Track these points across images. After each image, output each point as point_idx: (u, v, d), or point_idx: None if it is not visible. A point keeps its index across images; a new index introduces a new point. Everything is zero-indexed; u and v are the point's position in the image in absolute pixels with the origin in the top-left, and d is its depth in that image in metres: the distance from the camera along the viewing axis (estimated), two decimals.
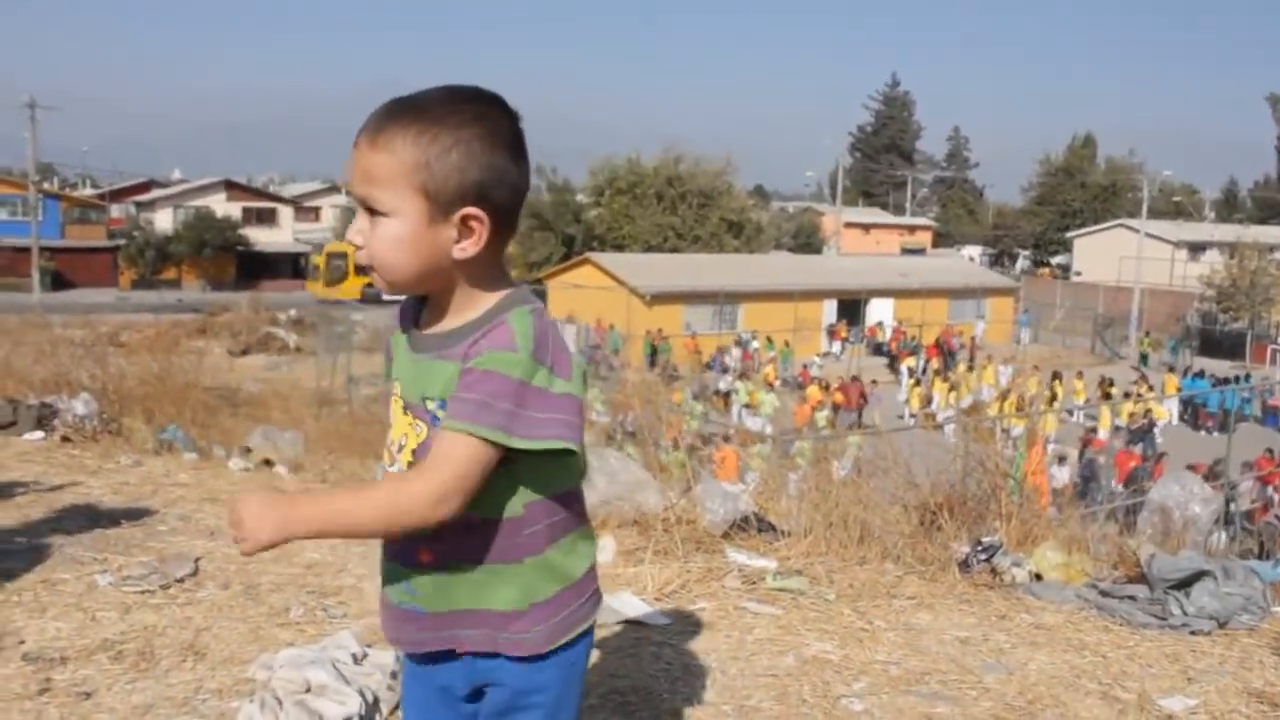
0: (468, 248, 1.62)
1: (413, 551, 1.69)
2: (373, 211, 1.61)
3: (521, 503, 1.67)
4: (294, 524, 1.57)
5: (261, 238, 56.38)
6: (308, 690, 2.84)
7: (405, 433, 1.70)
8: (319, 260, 49.12)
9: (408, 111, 1.60)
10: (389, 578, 1.75)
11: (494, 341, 1.59)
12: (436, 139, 1.58)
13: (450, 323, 1.67)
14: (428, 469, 1.59)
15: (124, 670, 3.06)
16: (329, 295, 42.89)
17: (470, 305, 1.66)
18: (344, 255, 46.55)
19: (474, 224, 1.61)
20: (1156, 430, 24.14)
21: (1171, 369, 31.53)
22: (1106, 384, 27.14)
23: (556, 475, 1.69)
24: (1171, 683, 3.44)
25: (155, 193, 63.16)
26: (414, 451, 1.69)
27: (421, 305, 1.74)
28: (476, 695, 1.77)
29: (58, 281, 47.51)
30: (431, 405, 1.65)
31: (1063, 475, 14.39)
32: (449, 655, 1.74)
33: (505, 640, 1.70)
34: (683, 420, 9.71)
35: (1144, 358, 38.22)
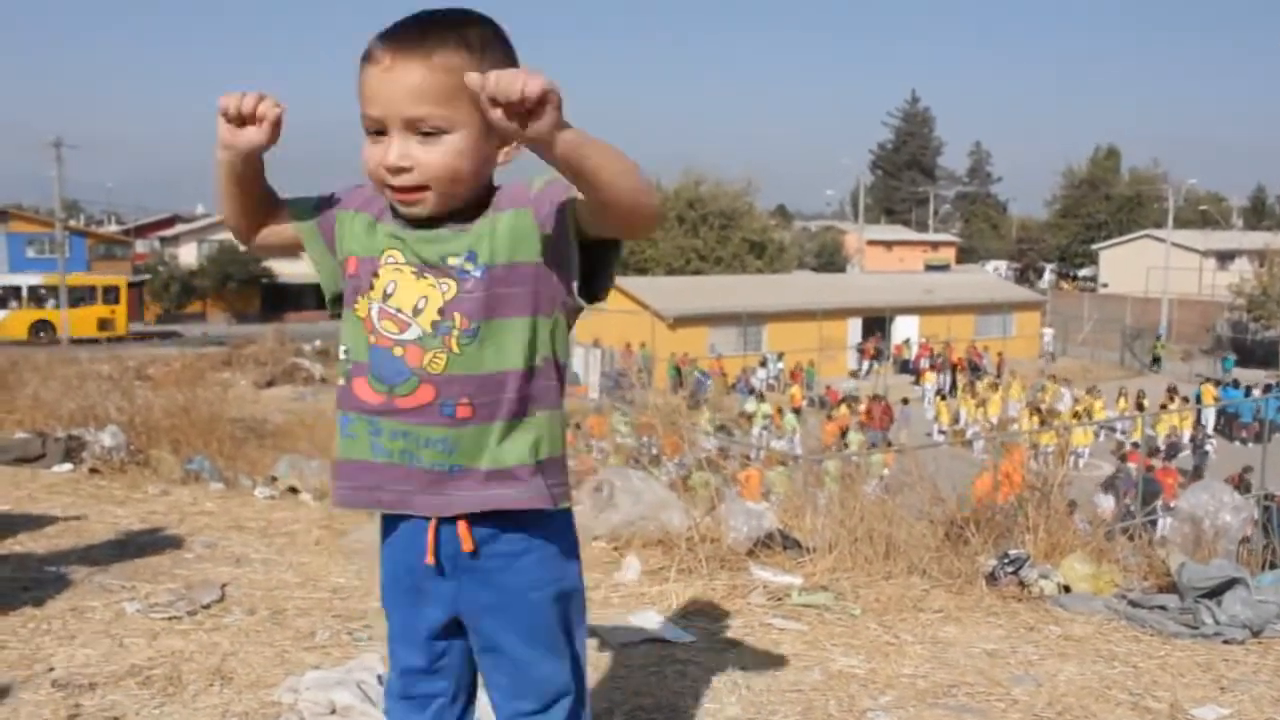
0: (511, 154, 1.69)
1: (450, 407, 1.70)
2: (424, 133, 1.62)
3: (541, 356, 1.73)
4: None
5: (285, 270, 56.69)
6: (333, 712, 2.85)
7: (425, 294, 1.70)
8: None
9: (444, 29, 1.62)
10: (410, 443, 1.73)
11: (520, 186, 1.71)
12: (486, 53, 1.62)
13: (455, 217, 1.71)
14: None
15: (152, 695, 3.08)
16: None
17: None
18: (16, 290, 42.01)
19: None
20: (1209, 446, 23.60)
21: (1218, 381, 31.08)
22: (1140, 397, 26.92)
23: (563, 334, 1.76)
24: (1204, 692, 3.40)
25: (179, 228, 63.77)
26: (440, 311, 1.69)
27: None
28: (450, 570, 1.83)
29: None
30: (456, 261, 1.68)
31: (1108, 504, 13.96)
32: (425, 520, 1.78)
33: (533, 495, 1.73)
34: (684, 439, 9.66)
35: (1156, 360, 37.92)
